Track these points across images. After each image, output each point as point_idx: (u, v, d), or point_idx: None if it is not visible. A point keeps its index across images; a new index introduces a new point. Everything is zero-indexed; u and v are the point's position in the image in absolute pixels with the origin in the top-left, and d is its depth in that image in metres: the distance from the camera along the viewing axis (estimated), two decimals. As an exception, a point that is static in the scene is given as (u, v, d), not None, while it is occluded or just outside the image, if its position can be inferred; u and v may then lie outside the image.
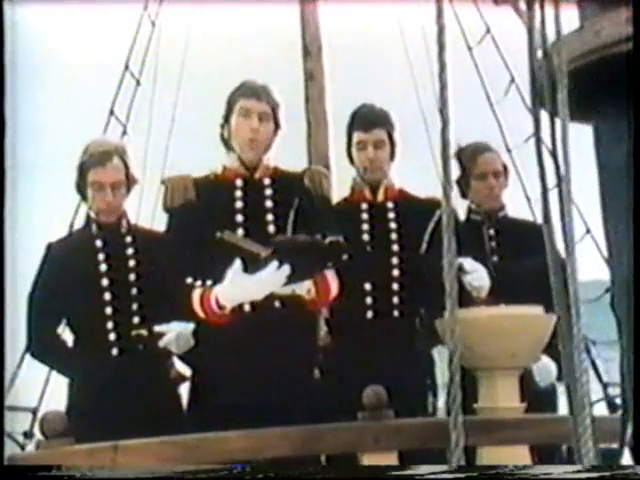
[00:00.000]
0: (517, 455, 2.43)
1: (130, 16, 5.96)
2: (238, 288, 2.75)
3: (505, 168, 3.52)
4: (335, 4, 5.45)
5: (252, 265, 2.73)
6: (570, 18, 1.23)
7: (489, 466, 2.29)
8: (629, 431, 1.33)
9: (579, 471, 1.34)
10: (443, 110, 1.34)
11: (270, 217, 2.96)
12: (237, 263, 2.73)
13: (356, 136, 3.18)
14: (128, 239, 3.11)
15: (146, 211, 3.98)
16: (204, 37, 6.06)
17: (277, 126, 3.02)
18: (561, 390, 3.30)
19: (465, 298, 2.94)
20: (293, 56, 5.36)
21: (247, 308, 2.85)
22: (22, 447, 4.15)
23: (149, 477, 1.99)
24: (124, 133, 5.66)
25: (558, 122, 1.31)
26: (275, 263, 2.68)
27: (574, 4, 1.24)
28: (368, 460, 2.35)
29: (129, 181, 3.10)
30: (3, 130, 1.71)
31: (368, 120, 3.18)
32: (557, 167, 1.27)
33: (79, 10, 5.68)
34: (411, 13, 5.52)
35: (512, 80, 5.62)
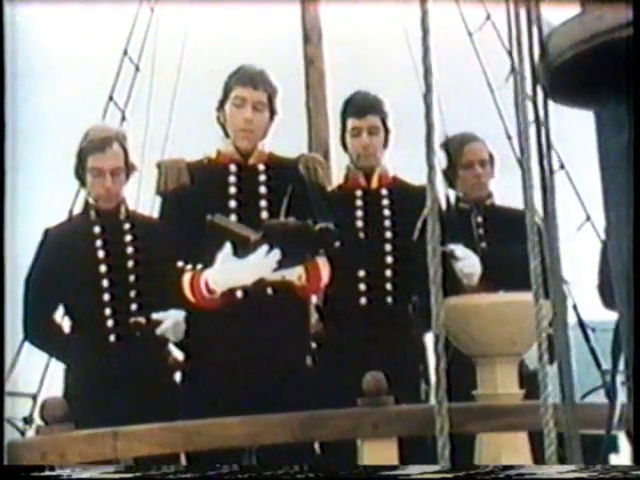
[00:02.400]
0: (516, 441, 2.44)
1: (129, 2, 5.94)
2: (228, 272, 2.73)
3: (491, 157, 3.56)
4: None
5: (242, 249, 2.72)
6: (571, 3, 1.22)
7: (479, 465, 2.30)
8: (616, 417, 1.33)
9: (572, 471, 1.35)
10: (427, 95, 1.34)
11: (263, 203, 2.95)
12: (227, 247, 2.72)
13: (350, 123, 3.18)
14: (126, 226, 3.10)
15: (145, 198, 3.96)
16: (203, 23, 6.03)
17: (273, 113, 3.00)
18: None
19: (457, 285, 2.96)
20: (293, 42, 5.35)
21: (239, 294, 2.84)
22: (22, 433, 4.16)
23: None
24: (123, 119, 5.64)
25: (555, 109, 1.30)
26: (265, 247, 2.67)
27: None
28: (367, 447, 2.36)
29: (128, 168, 3.08)
30: (3, 117, 1.71)
31: (362, 107, 3.17)
32: (549, 152, 1.27)
33: (78, -4, 5.65)
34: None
35: (513, 66, 5.59)
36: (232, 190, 2.96)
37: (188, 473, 2.01)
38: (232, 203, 2.93)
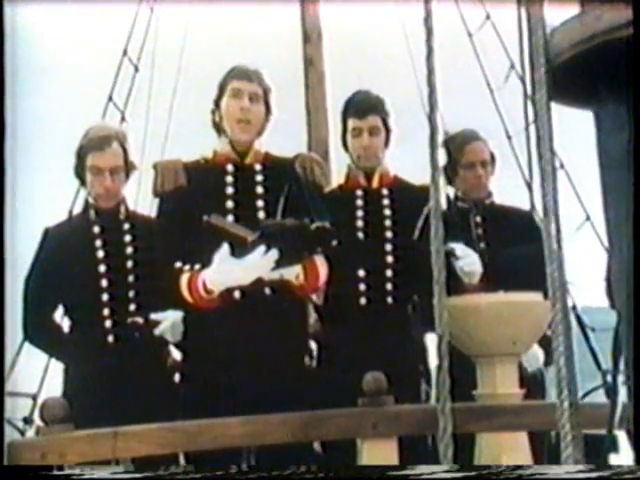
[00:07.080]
0: (516, 441, 2.43)
1: (128, 2, 5.94)
2: (225, 272, 2.73)
3: (492, 157, 3.54)
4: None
5: (239, 249, 2.72)
6: (571, 3, 1.23)
7: (485, 466, 2.29)
8: (617, 417, 1.33)
9: (580, 471, 1.34)
10: (431, 96, 1.34)
11: (260, 203, 2.94)
12: (224, 247, 2.71)
13: (351, 123, 3.17)
14: (126, 225, 3.10)
15: (145, 198, 3.97)
16: (203, 23, 6.04)
17: (268, 111, 3.01)
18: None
19: (457, 284, 2.95)
20: (293, 42, 5.35)
21: (237, 295, 2.83)
22: (22, 433, 4.15)
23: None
24: (122, 119, 5.65)
25: (555, 109, 1.30)
26: (262, 247, 2.66)
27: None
28: (367, 446, 2.35)
29: (128, 167, 3.08)
30: (3, 117, 1.71)
31: (363, 107, 3.16)
32: (552, 154, 1.27)
33: (77, -4, 5.65)
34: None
35: (512, 66, 5.61)
36: (229, 190, 2.95)
37: (196, 473, 2.01)
38: (229, 203, 2.93)
